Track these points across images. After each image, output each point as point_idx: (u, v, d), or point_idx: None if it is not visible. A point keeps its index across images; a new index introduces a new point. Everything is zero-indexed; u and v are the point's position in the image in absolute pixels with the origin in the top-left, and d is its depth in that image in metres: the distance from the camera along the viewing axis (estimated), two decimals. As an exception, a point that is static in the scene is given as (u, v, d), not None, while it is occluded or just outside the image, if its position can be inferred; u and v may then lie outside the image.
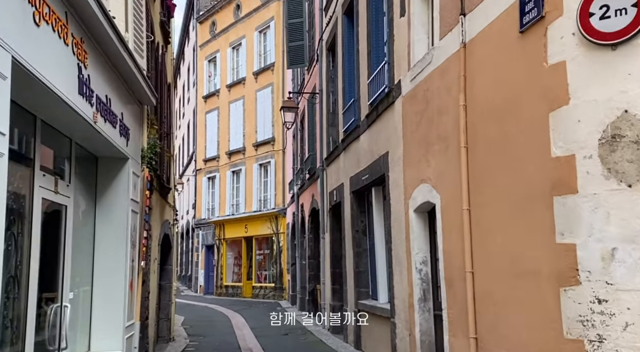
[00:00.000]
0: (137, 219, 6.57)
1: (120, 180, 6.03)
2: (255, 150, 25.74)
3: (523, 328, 4.87)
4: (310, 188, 16.70)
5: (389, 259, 8.66)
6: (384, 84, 8.64)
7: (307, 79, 17.35)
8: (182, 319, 17.35)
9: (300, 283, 18.67)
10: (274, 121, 24.45)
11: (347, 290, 11.56)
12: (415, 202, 7.48)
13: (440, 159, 6.65)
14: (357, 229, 10.91)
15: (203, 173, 29.71)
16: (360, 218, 10.94)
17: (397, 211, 8.24)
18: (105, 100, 5.11)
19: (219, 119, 28.38)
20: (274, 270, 24.29)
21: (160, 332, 12.17)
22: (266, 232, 24.69)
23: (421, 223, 7.58)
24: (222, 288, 27.19)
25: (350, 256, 11.26)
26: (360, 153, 10.33)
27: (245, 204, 26.07)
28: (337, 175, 12.63)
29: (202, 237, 29.69)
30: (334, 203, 12.90)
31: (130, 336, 6.24)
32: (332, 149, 12.89)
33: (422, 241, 7.55)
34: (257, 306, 21.57)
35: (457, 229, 6.13)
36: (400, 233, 8.11)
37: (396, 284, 8.32)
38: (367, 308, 10.09)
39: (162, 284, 12.38)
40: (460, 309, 6.09)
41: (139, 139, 6.67)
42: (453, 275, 6.29)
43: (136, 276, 6.57)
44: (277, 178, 24.33)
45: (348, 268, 11.48)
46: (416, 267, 7.53)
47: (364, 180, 10.02)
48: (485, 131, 5.59)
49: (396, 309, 8.31)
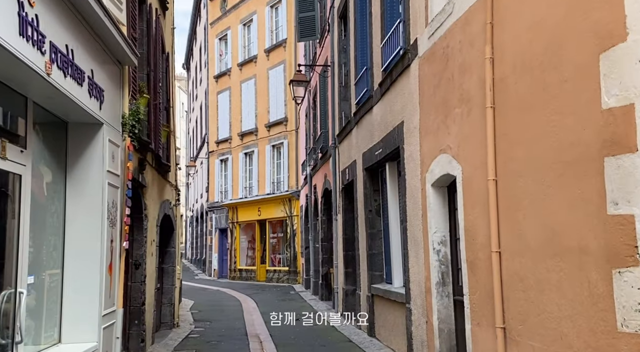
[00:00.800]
0: (117, 194, 5.84)
1: (94, 149, 5.28)
2: (267, 131, 24.97)
3: (563, 318, 4.05)
4: (323, 168, 15.91)
5: (404, 239, 7.86)
6: (399, 46, 7.78)
7: (318, 53, 16.49)
8: (192, 304, 16.78)
9: (314, 267, 17.96)
10: (287, 100, 23.61)
11: (360, 273, 10.80)
12: (432, 175, 6.65)
13: (462, 125, 5.80)
14: (370, 208, 10.11)
15: (215, 155, 29.05)
16: (374, 197, 10.13)
17: (413, 187, 7.43)
18: (66, 50, 4.35)
19: (230, 100, 27.63)
20: (288, 253, 23.63)
21: (163, 318, 11.54)
22: (280, 215, 23.99)
23: (439, 199, 6.75)
24: (236, 272, 26.63)
25: (363, 238, 10.48)
26: (374, 126, 9.50)
27: (258, 186, 25.37)
28: (349, 152, 11.82)
29: (216, 220, 29.11)
30: (346, 182, 12.10)
31: (109, 325, 5.53)
32: (344, 124, 12.06)
33: (440, 219, 6.73)
34: (271, 290, 20.94)
35: (482, 202, 5.30)
36: (416, 211, 7.30)
37: (412, 267, 7.52)
38: (380, 293, 9.32)
39: (165, 267, 11.73)
40: (484, 294, 5.29)
41: (118, 104, 5.92)
42: (476, 256, 5.47)
43: (117, 258, 5.85)
44: (290, 159, 23.56)
45: (361, 250, 10.71)
46: (434, 247, 6.72)
47: (377, 155, 9.20)
48: (517, 86, 4.74)
49: (412, 294, 7.53)
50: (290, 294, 18.99)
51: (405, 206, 7.80)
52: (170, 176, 11.34)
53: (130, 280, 8.80)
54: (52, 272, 5.01)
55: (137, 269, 8.87)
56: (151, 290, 9.52)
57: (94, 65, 5.05)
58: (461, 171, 5.82)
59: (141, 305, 8.84)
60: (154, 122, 9.05)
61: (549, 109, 4.24)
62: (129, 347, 8.79)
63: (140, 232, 8.89)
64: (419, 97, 7.14)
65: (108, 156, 5.45)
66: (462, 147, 5.82)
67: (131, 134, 6.09)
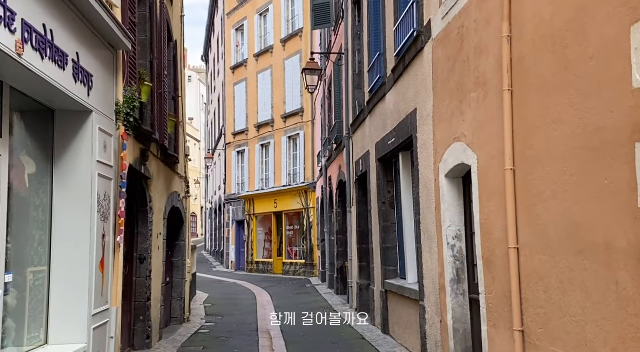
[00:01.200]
0: (110, 186, 5.52)
1: (82, 138, 4.96)
2: (284, 122, 24.62)
3: (588, 323, 3.64)
4: (338, 159, 15.52)
5: (418, 233, 7.46)
6: (412, 28, 7.34)
7: (333, 41, 16.06)
8: (206, 297, 16.57)
9: (329, 260, 17.61)
10: (303, 91, 23.21)
11: (374, 268, 10.42)
12: (446, 165, 6.23)
13: (477, 110, 5.38)
14: (383, 200, 9.71)
15: (232, 147, 28.81)
16: (387, 189, 9.72)
17: (426, 178, 7.01)
18: (43, 31, 4.02)
19: (247, 91, 27.33)
20: (305, 246, 23.32)
21: (173, 313, 11.30)
22: (296, 207, 23.68)
23: (454, 190, 6.34)
24: (253, 264, 26.42)
25: (376, 231, 10.09)
26: (387, 114, 9.08)
27: (275, 178, 25.08)
28: (362, 142, 11.42)
29: (233, 212, 28.91)
30: (360, 173, 11.71)
31: (101, 325, 5.23)
32: (358, 113, 11.66)
33: (454, 212, 6.32)
34: (287, 283, 20.66)
35: (498, 194, 4.89)
36: (430, 203, 6.89)
37: (425, 263, 7.12)
38: (394, 288, 8.94)
39: (174, 261, 11.47)
40: (501, 294, 4.88)
41: (110, 91, 5.59)
42: (492, 252, 5.06)
43: (111, 254, 5.54)
44: (306, 151, 23.20)
45: (375, 244, 10.32)
46: (448, 242, 6.31)
47: (390, 144, 8.78)
48: (537, 66, 4.30)
49: (425, 291, 7.13)
50: (306, 288, 18.68)
51: (418, 198, 7.40)
52: (179, 168, 11.06)
53: (134, 275, 8.55)
54: (37, 269, 4.72)
55: (141, 263, 8.60)
56: (158, 285, 9.25)
57: (80, 48, 4.73)
58: (476, 160, 5.40)
59: (146, 300, 8.58)
60: (159, 112, 8.74)
61: (573, 90, 3.81)
62: (134, 344, 8.54)
63: (145, 225, 8.61)
64: (432, 82, 6.71)
65: (99, 146, 5.14)
66: (477, 134, 5.40)
67: (126, 123, 5.76)
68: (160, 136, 8.78)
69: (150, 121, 8.23)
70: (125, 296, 8.24)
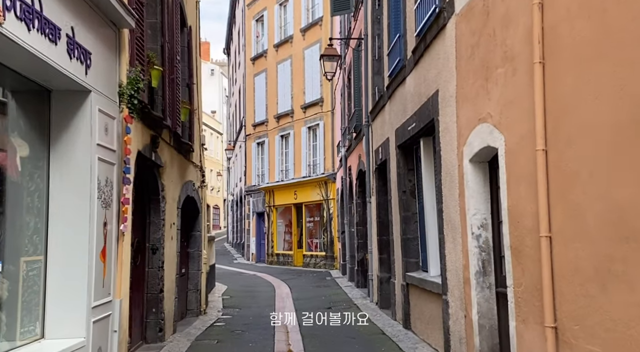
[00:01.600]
0: (112, 171, 5.22)
1: (81, 120, 4.65)
2: (303, 112, 24.27)
3: (632, 320, 3.23)
4: (357, 148, 15.13)
5: (440, 223, 7.06)
6: (434, 4, 6.91)
7: (353, 27, 15.64)
8: (225, 289, 16.35)
9: (350, 252, 17.25)
10: (322, 81, 22.82)
11: (395, 260, 10.03)
12: (471, 149, 5.82)
13: (505, 87, 4.96)
14: (404, 189, 9.30)
15: (252, 138, 28.56)
16: (408, 177, 9.31)
17: (449, 163, 6.60)
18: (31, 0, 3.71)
19: (266, 82, 27.02)
20: (325, 238, 22.98)
21: (189, 305, 11.06)
22: (316, 199, 23.35)
23: (479, 176, 5.92)
24: (273, 256, 26.18)
25: (397, 222, 9.69)
26: (407, 98, 8.67)
27: (294, 169, 24.76)
28: (382, 129, 11.01)
29: (253, 204, 28.70)
30: (379, 162, 11.30)
31: (102, 318, 4.94)
32: (377, 99, 11.24)
33: (480, 199, 5.90)
34: (307, 276, 20.37)
35: (528, 178, 4.48)
36: (453, 190, 6.48)
37: (448, 254, 6.72)
38: (416, 282, 8.54)
39: (190, 252, 11.22)
40: (532, 287, 4.48)
41: (113, 71, 5.28)
42: (522, 241, 4.66)
43: (114, 243, 5.25)
44: (326, 141, 22.83)
45: (395, 235, 9.93)
46: (473, 232, 5.91)
47: (411, 130, 8.37)
48: (571, 35, 3.87)
49: (448, 284, 6.73)
50: (326, 280, 18.35)
51: (440, 186, 6.99)
52: (194, 157, 10.77)
53: (147, 266, 8.29)
54: (32, 258, 4.43)
55: (154, 254, 8.35)
56: (171, 276, 8.99)
57: (76, 23, 4.42)
58: (504, 142, 4.99)
59: (159, 292, 8.33)
60: (171, 98, 8.45)
61: (614, 58, 3.39)
62: (146, 337, 8.30)
63: (157, 214, 8.35)
64: (455, 60, 6.28)
65: (99, 128, 4.84)
66: (504, 114, 4.98)
67: (130, 105, 5.45)
68: (172, 123, 8.48)
69: (162, 107, 7.94)
70: (137, 288, 8.00)
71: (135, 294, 7.89)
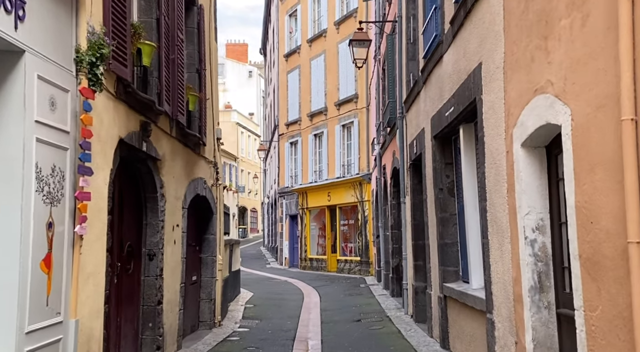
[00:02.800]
0: (64, 158, 4.14)
1: (10, 89, 3.60)
2: (337, 110, 23.10)
3: None
4: (391, 145, 13.86)
5: (484, 225, 5.78)
6: (474, -42, 5.66)
7: (387, 12, 14.40)
8: (250, 297, 15.29)
9: (384, 258, 15.97)
10: (357, 76, 21.64)
11: (431, 268, 8.75)
12: (523, 130, 4.55)
13: (571, 43, 3.68)
14: (440, 187, 8.03)
15: (285, 138, 27.54)
16: (445, 172, 8.04)
17: (494, 151, 5.34)
18: None
19: (300, 78, 25.98)
20: (360, 242, 21.72)
21: (202, 316, 10.00)
22: (350, 201, 22.13)
23: (534, 165, 4.64)
24: (307, 261, 25.06)
25: (433, 224, 8.42)
26: (444, 80, 7.41)
27: (328, 170, 23.60)
28: (416, 120, 9.76)
29: (286, 206, 27.66)
30: (414, 157, 10.04)
31: (46, 345, 3.86)
32: (412, 86, 9.99)
33: (535, 194, 4.63)
34: (340, 282, 19.16)
35: (609, 162, 3.21)
36: (499, 185, 5.21)
37: (494, 263, 5.45)
38: (454, 294, 7.26)
39: (203, 257, 10.17)
40: (613, 311, 3.20)
41: (65, 31, 4.20)
42: (597, 249, 3.37)
43: (66, 248, 4.18)
44: (360, 140, 21.60)
45: (431, 239, 8.65)
46: (526, 236, 4.63)
47: (448, 116, 7.11)
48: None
49: (494, 301, 5.45)
50: (360, 288, 17.11)
51: (484, 180, 5.71)
52: (206, 151, 9.73)
53: (142, 274, 7.26)
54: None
55: (151, 260, 7.31)
56: (174, 285, 7.95)
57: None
58: (570, 116, 3.71)
59: (156, 304, 7.28)
60: (171, 82, 7.41)
61: None
62: (142, 355, 7.25)
63: (155, 215, 7.31)
64: (503, 21, 5.02)
65: (38, 101, 3.78)
66: (571, 78, 3.70)
67: (91, 76, 4.38)
68: (172, 110, 7.44)
69: (157, 90, 6.91)
70: (129, 300, 6.97)
71: (127, 307, 6.87)
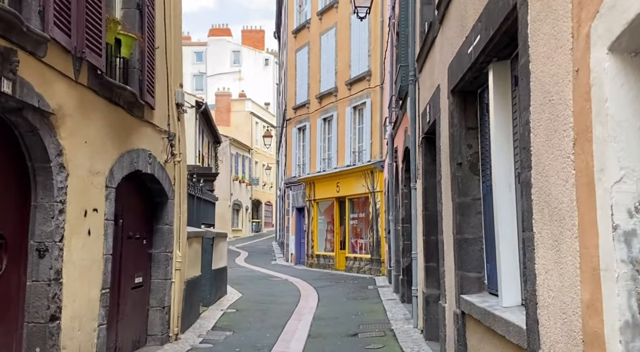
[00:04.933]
0: None
1: None
2: (348, 90, 20.84)
3: None
4: (404, 122, 11.57)
5: (527, 209, 3.47)
6: None
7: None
8: (236, 299, 13.20)
9: (395, 256, 13.69)
10: (370, 50, 19.36)
11: (445, 272, 6.47)
12: (617, 18, 2.24)
13: None
14: (459, 161, 5.74)
15: (293, 123, 25.34)
16: (467, 140, 5.74)
17: (550, 79, 3.04)
18: None
19: (309, 57, 23.76)
20: (371, 238, 19.44)
21: (151, 329, 7.88)
22: (361, 192, 19.86)
23: (635, 86, 2.34)
24: (314, 258, 22.86)
25: (448, 213, 6.14)
26: (466, 6, 5.12)
27: (337, 157, 21.35)
28: (431, 78, 7.48)
29: (293, 198, 25.50)
30: (427, 128, 7.77)
31: None
32: (426, 33, 7.69)
33: (636, 144, 2.33)
34: (346, 283, 16.95)
35: None
36: (557, 136, 2.92)
37: (543, 271, 3.16)
38: (476, 312, 4.97)
39: (153, 254, 8.02)
40: None
41: None
42: None
43: None
44: (373, 123, 19.31)
45: (445, 234, 6.37)
46: (615, 224, 2.37)
47: (472, 52, 4.82)
48: None
49: (542, 336, 3.18)
50: (366, 291, 14.85)
51: (527, 134, 3.41)
52: (156, 117, 7.57)
53: (28, 277, 5.13)
54: None
55: (41, 257, 5.16)
56: (88, 292, 5.80)
57: None
58: None
59: (48, 320, 5.12)
60: (76, 6, 5.24)
61: None
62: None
63: (49, 193, 5.17)
64: None
65: None
66: None
67: None
68: (77, 44, 5.28)
69: (39, 8, 4.74)
70: (3, 314, 4.85)
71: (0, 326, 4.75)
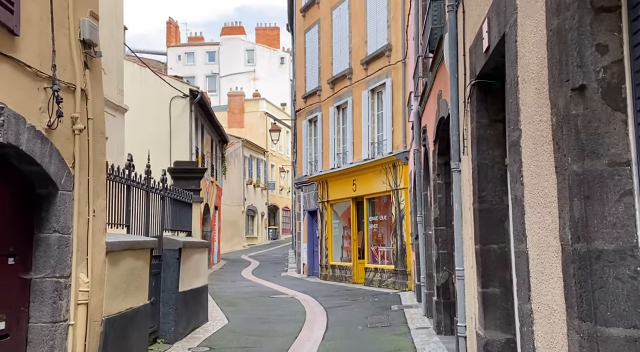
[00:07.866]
0: None
1: None
2: (364, 70, 17.74)
3: None
4: (435, 85, 8.41)
5: None
6: None
7: None
8: (218, 329, 10.16)
9: (426, 268, 10.51)
10: (390, 19, 16.25)
11: (533, 314, 3.27)
12: None
13: None
14: (579, 80, 2.56)
15: (303, 115, 22.28)
16: (595, 35, 2.56)
17: None
18: None
19: (319, 37, 20.73)
20: (394, 245, 16.24)
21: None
22: (381, 190, 16.71)
23: None
24: (328, 269, 19.73)
25: (544, 195, 2.95)
26: None
27: (353, 151, 18.23)
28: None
29: (304, 200, 22.42)
30: (483, 64, 4.57)
31: None
32: None
33: None
34: (365, 301, 13.80)
35: None
36: None
37: None
38: None
39: (35, 280, 4.94)
40: None
41: None
42: None
43: None
44: (394, 107, 16.19)
45: (531, 239, 3.17)
46: None
47: None
48: None
49: None
50: (389, 313, 11.64)
51: None
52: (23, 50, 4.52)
53: None
54: None
55: None
56: None
57: None
58: None
59: None
60: None
61: None
62: None
63: None
64: None
65: None
66: None
67: None
68: None
69: None
70: None
71: None
